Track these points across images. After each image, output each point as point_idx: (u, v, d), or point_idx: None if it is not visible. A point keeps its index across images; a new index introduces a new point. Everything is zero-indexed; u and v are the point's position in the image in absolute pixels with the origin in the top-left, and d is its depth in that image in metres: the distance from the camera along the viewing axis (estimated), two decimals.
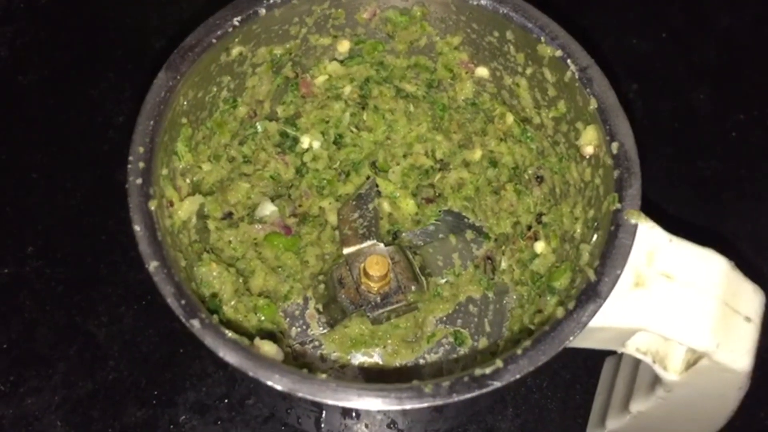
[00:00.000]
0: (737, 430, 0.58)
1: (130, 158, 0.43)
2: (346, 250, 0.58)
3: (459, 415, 0.59)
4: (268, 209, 0.57)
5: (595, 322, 0.41)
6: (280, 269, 0.57)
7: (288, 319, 0.58)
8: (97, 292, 0.64)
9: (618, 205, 0.43)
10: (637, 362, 0.52)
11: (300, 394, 0.38)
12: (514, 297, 0.58)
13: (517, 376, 0.39)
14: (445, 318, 0.59)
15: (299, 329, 0.58)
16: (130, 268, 0.65)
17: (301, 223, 0.59)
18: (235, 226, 0.55)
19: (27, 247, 0.66)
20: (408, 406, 0.38)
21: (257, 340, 0.42)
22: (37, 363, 0.61)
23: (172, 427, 0.59)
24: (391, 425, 0.53)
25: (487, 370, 0.39)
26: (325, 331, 0.57)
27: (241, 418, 0.60)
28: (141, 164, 0.43)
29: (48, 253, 0.66)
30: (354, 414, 0.50)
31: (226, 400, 0.60)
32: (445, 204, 0.62)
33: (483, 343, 0.58)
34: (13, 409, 0.59)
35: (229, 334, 0.39)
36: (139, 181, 0.42)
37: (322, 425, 0.55)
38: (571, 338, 0.40)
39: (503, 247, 0.59)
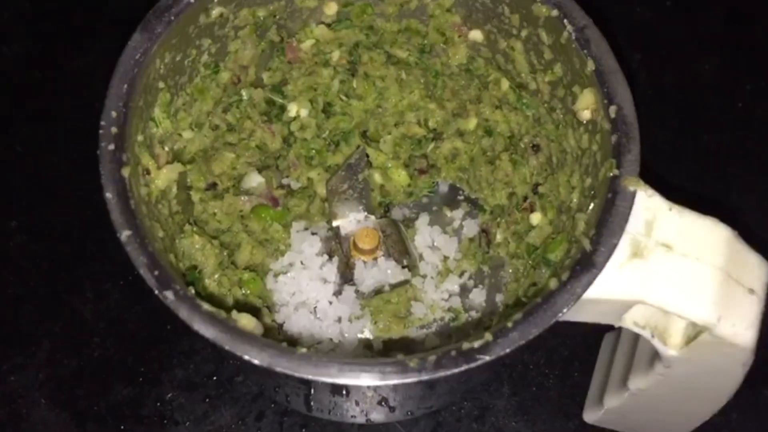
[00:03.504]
0: (740, 409, 0.57)
1: (102, 123, 0.41)
2: (336, 223, 0.56)
3: (452, 392, 0.57)
4: (254, 180, 0.55)
5: (590, 294, 0.39)
6: (267, 242, 0.55)
7: None
8: (83, 268, 0.63)
9: (616, 171, 0.41)
10: (636, 338, 0.51)
11: (278, 369, 0.36)
12: (510, 271, 0.56)
13: (507, 350, 0.37)
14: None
15: None
16: (116, 244, 0.62)
17: (288, 195, 0.57)
18: (220, 197, 0.53)
19: (11, 221, 0.65)
20: (392, 382, 0.37)
21: (234, 313, 0.40)
22: (21, 340, 0.60)
23: (159, 404, 0.58)
24: (382, 402, 0.52)
25: (476, 344, 0.37)
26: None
27: (230, 396, 0.59)
28: (114, 129, 0.41)
29: (33, 228, 0.64)
30: (344, 391, 0.49)
31: (214, 378, 0.59)
32: (439, 175, 0.59)
33: (478, 318, 0.56)
34: None
35: (205, 306, 0.38)
36: (111, 146, 0.41)
37: (312, 403, 0.53)
38: (565, 310, 0.38)
39: (498, 220, 0.57)
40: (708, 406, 0.48)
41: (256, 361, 0.36)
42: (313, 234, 0.57)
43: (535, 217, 0.52)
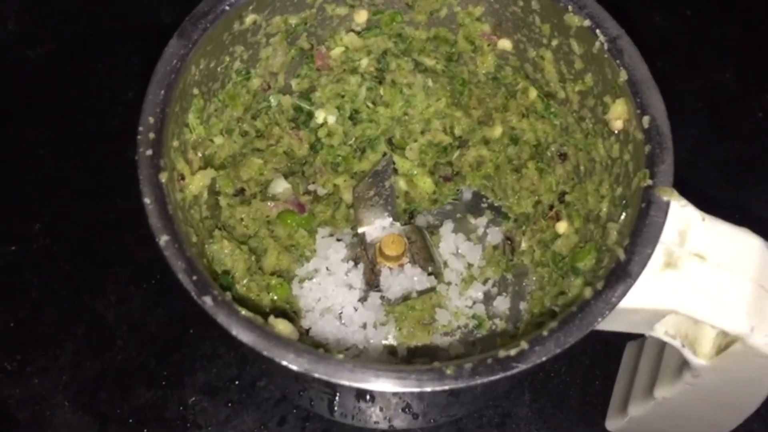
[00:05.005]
0: (762, 419, 0.57)
1: (140, 128, 0.41)
2: (361, 229, 0.56)
3: (476, 401, 0.57)
4: (281, 186, 0.56)
5: (624, 304, 0.39)
6: (293, 248, 0.55)
7: None
8: (106, 271, 0.63)
9: (649, 182, 0.41)
10: (662, 346, 0.51)
11: (316, 375, 0.36)
12: (534, 279, 0.56)
13: (543, 359, 0.37)
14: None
15: None
16: (138, 246, 0.64)
17: (315, 201, 0.57)
18: (247, 203, 0.54)
19: (34, 224, 0.65)
20: (428, 389, 0.37)
21: (272, 319, 0.40)
22: (44, 343, 0.60)
23: (181, 408, 0.58)
24: (406, 409, 0.52)
25: (512, 352, 0.37)
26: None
27: (252, 401, 0.59)
28: (151, 135, 0.41)
29: (55, 231, 0.65)
30: (368, 397, 0.49)
31: (236, 382, 0.59)
32: (464, 182, 0.60)
33: (501, 326, 0.56)
34: (19, 390, 0.58)
35: (243, 311, 0.38)
36: (150, 152, 0.41)
37: (335, 408, 0.53)
38: (600, 320, 0.38)
39: (523, 228, 0.57)
40: (735, 416, 0.48)
41: (294, 367, 0.37)
42: (338, 240, 0.57)
43: (561, 226, 0.53)
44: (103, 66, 0.73)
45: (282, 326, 0.40)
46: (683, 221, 0.41)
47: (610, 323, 0.40)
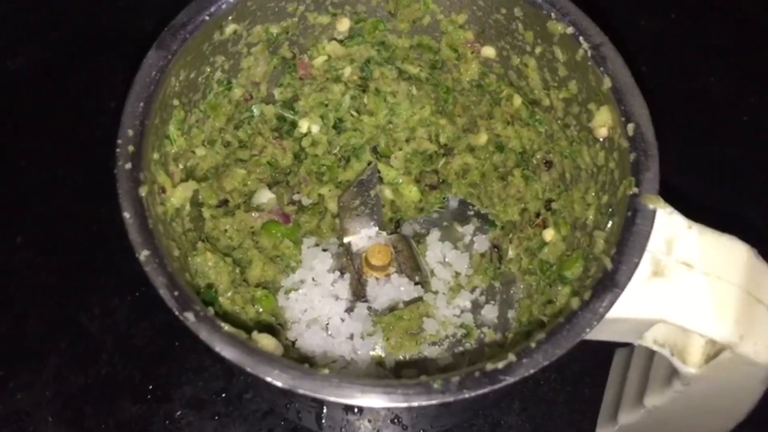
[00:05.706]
0: (755, 426, 0.56)
1: (119, 142, 0.40)
2: (347, 239, 0.56)
3: (466, 411, 0.57)
4: (265, 196, 0.55)
5: (611, 314, 0.39)
6: (278, 259, 0.55)
7: None
8: (90, 284, 0.62)
9: (635, 190, 0.41)
10: (651, 354, 0.50)
11: (301, 391, 0.36)
12: (522, 287, 0.56)
13: (531, 371, 0.37)
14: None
15: None
16: (123, 258, 0.63)
17: (299, 211, 0.57)
18: (231, 214, 0.53)
19: (16, 236, 0.64)
20: (415, 403, 0.36)
21: (255, 334, 0.40)
22: (27, 357, 0.59)
23: (167, 422, 0.58)
24: (396, 420, 0.51)
25: (500, 365, 0.37)
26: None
27: (239, 414, 0.58)
28: (130, 148, 0.41)
29: (38, 243, 0.64)
30: (356, 410, 0.48)
31: (223, 395, 0.58)
32: (450, 191, 0.59)
33: (489, 334, 0.55)
34: (2, 405, 0.58)
35: (226, 327, 0.37)
36: (129, 165, 0.40)
37: (323, 421, 0.53)
38: (588, 330, 0.38)
39: (510, 235, 0.57)
40: (725, 423, 0.48)
41: (278, 383, 0.36)
42: (324, 250, 0.56)
43: (548, 234, 0.52)
44: (87, 76, 0.72)
45: (266, 341, 0.39)
46: (670, 229, 0.41)
47: (598, 333, 0.40)
